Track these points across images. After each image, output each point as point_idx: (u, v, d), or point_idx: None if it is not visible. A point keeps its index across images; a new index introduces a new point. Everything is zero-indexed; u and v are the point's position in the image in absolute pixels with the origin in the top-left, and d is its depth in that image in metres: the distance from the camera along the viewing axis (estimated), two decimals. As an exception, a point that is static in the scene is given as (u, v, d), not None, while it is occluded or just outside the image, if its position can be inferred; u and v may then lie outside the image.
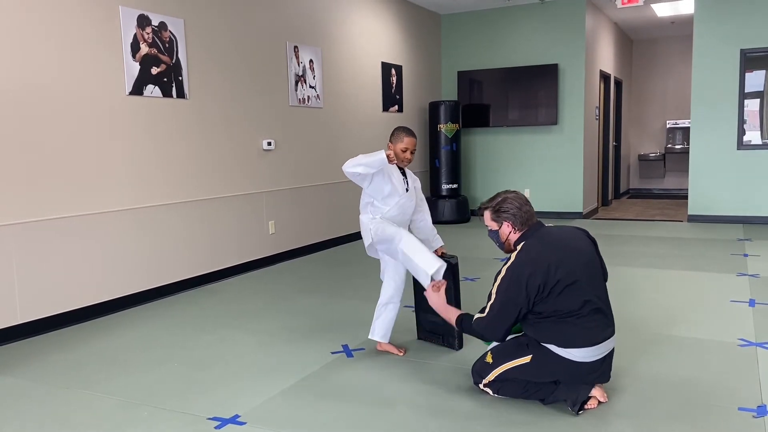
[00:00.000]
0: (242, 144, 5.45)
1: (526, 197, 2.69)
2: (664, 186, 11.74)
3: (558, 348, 2.53)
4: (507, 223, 2.65)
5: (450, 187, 8.35)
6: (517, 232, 2.64)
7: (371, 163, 3.03)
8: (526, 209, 2.64)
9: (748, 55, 7.34)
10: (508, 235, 2.67)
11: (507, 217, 2.63)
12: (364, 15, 7.18)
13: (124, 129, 4.38)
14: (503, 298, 2.52)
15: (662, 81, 11.56)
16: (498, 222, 2.67)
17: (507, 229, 2.66)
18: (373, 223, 3.18)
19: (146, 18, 4.49)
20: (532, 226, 2.65)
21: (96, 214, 4.19)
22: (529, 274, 2.47)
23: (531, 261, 2.51)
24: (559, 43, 8.26)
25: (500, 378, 2.66)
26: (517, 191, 2.71)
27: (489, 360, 2.70)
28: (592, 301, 2.53)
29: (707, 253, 5.84)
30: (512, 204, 2.63)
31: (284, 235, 6.01)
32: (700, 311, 4.02)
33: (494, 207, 2.67)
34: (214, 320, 4.09)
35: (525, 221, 2.63)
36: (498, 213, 2.66)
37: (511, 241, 2.67)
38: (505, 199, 2.66)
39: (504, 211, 2.64)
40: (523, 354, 2.60)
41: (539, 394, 2.64)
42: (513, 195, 2.68)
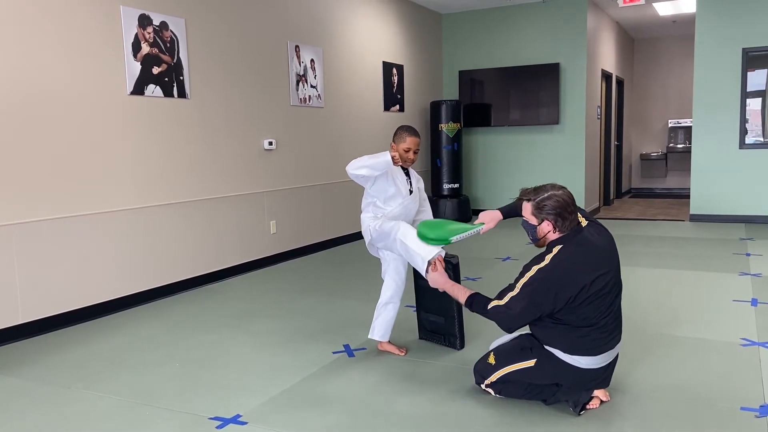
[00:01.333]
0: (243, 144, 5.45)
1: (572, 196, 2.48)
2: (665, 185, 11.72)
3: (563, 354, 2.51)
4: (548, 222, 2.46)
5: (451, 187, 8.34)
6: (557, 233, 2.48)
7: (376, 166, 3.02)
8: (572, 210, 2.45)
9: (749, 54, 7.33)
10: (546, 233, 2.50)
11: (550, 217, 2.45)
12: (365, 14, 7.17)
13: (126, 129, 4.38)
14: (528, 300, 2.42)
15: (664, 80, 11.54)
16: (539, 218, 2.48)
17: (547, 227, 2.48)
18: (374, 223, 3.18)
19: (147, 18, 4.49)
20: (574, 229, 2.49)
21: (97, 213, 4.19)
22: (561, 285, 2.37)
23: (566, 273, 2.38)
24: (560, 43, 8.24)
25: (502, 379, 2.66)
26: (565, 188, 2.49)
27: (492, 361, 2.69)
28: (611, 313, 2.48)
29: (709, 253, 5.83)
30: (558, 203, 2.43)
31: (285, 234, 6.01)
32: (702, 311, 4.00)
33: (537, 203, 2.47)
34: (216, 320, 4.08)
35: (567, 224, 2.46)
36: (540, 210, 2.46)
37: (548, 239, 2.51)
38: (551, 196, 2.45)
39: (549, 209, 2.44)
40: (527, 358, 2.59)
41: (541, 395, 2.64)
42: (560, 193, 2.46)
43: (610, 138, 10.01)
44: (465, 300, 2.64)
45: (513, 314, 2.46)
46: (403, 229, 3.02)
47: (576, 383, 2.55)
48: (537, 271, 2.43)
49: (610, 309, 2.47)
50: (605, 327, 2.48)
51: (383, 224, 3.11)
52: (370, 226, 3.19)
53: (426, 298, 3.48)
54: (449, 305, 3.35)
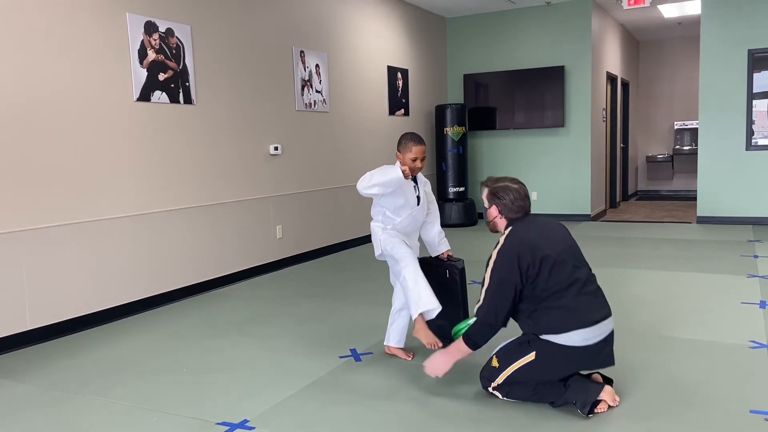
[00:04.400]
0: (249, 149, 5.47)
1: (526, 193, 2.78)
2: (672, 187, 11.69)
3: (557, 336, 2.55)
4: (495, 207, 2.78)
5: (457, 190, 8.34)
6: (503, 218, 2.78)
7: (387, 184, 3.02)
8: (519, 204, 2.75)
9: (755, 55, 7.30)
10: (494, 217, 2.81)
11: (497, 203, 2.77)
12: (369, 19, 7.19)
13: (132, 135, 4.41)
14: (498, 278, 2.61)
15: (669, 82, 11.51)
16: (489, 202, 2.81)
17: (494, 212, 2.80)
18: (384, 235, 3.18)
19: (153, 25, 4.52)
20: (524, 216, 2.78)
21: (104, 220, 4.22)
22: (519, 253, 2.59)
23: (519, 241, 2.63)
24: (565, 45, 8.24)
25: (508, 381, 2.66)
26: (522, 184, 2.80)
27: (495, 364, 2.71)
28: (580, 279, 2.60)
29: (717, 255, 5.80)
30: (509, 195, 2.75)
31: (291, 239, 6.02)
32: (710, 313, 3.98)
33: (492, 189, 2.80)
34: (222, 326, 4.09)
35: (513, 213, 2.75)
36: (493, 196, 2.79)
37: (497, 223, 2.81)
38: (506, 187, 2.77)
39: (499, 197, 2.77)
40: (526, 352, 2.62)
41: (549, 396, 2.63)
42: (515, 187, 2.77)
43: (615, 140, 9.99)
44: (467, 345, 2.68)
45: (491, 297, 2.61)
46: (411, 266, 3.03)
47: (580, 365, 2.60)
48: (497, 253, 2.64)
49: (574, 277, 2.59)
50: (582, 297, 2.57)
51: (394, 246, 3.10)
52: (380, 238, 3.19)
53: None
54: (455, 309, 3.35)
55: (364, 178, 3.07)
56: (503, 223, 2.78)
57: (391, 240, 3.13)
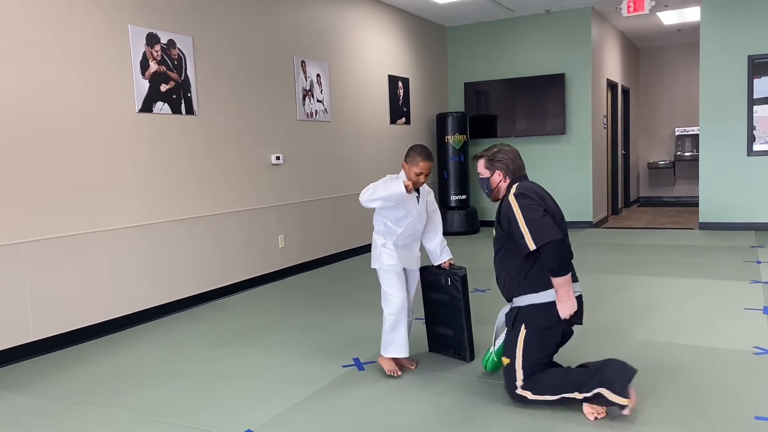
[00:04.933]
0: (251, 158, 5.49)
1: (518, 151, 2.87)
2: (674, 194, 11.68)
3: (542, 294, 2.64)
4: (499, 172, 2.81)
5: (459, 198, 8.35)
6: (506, 180, 2.82)
7: (390, 198, 3.04)
8: (518, 162, 2.83)
9: (755, 61, 7.32)
10: (498, 182, 2.84)
11: (500, 166, 2.81)
12: (370, 29, 7.23)
13: (135, 146, 4.42)
14: (530, 209, 2.60)
15: (670, 88, 11.53)
16: (491, 170, 2.84)
17: (498, 177, 2.83)
18: (384, 256, 3.20)
19: (155, 36, 4.55)
20: (521, 175, 2.85)
21: (107, 230, 4.23)
22: (538, 194, 2.70)
23: (531, 190, 2.71)
24: (565, 53, 8.27)
25: (527, 373, 2.66)
26: (510, 145, 2.89)
27: (506, 361, 2.75)
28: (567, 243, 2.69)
29: (720, 261, 5.79)
30: (506, 155, 2.82)
31: (294, 248, 6.02)
32: (714, 319, 3.97)
33: (489, 156, 2.84)
34: (225, 335, 4.09)
35: (515, 172, 2.81)
36: (492, 161, 2.83)
37: (500, 188, 2.84)
38: (500, 150, 2.85)
39: (498, 160, 2.81)
40: (518, 333, 2.70)
41: (576, 379, 2.57)
42: (507, 148, 2.86)
43: (617, 147, 10.00)
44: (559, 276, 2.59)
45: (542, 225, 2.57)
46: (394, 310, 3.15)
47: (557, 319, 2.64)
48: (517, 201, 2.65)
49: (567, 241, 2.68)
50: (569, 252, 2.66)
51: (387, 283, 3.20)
52: (380, 259, 3.22)
53: (434, 311, 3.48)
54: (458, 318, 3.34)
55: (367, 190, 3.09)
56: (506, 185, 2.82)
57: (388, 274, 3.19)
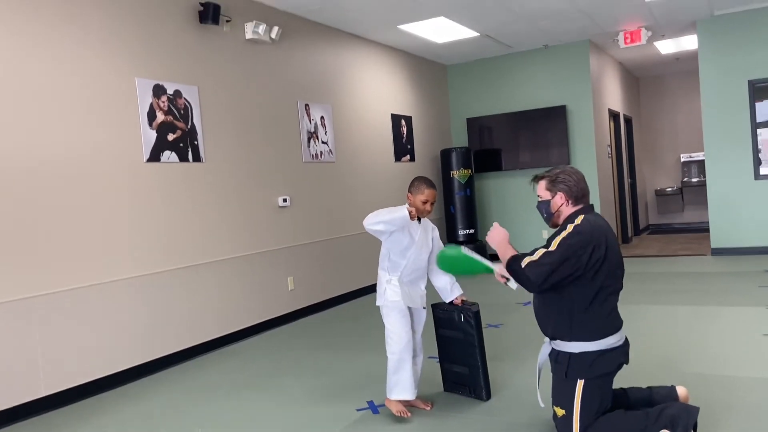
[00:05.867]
0: (258, 202, 5.52)
1: (583, 174, 2.66)
2: (683, 220, 11.61)
3: (593, 343, 2.48)
4: (561, 194, 2.61)
5: (466, 233, 8.33)
6: (570, 206, 2.61)
7: (393, 221, 3.04)
8: (582, 186, 2.62)
9: (756, 85, 7.36)
10: (559, 206, 2.62)
11: (562, 188, 2.60)
12: (371, 70, 7.35)
13: (143, 195, 4.46)
14: (566, 252, 2.44)
15: (672, 116, 11.59)
16: (552, 192, 2.63)
17: (560, 200, 2.61)
18: (390, 292, 3.19)
19: (161, 87, 4.64)
20: (587, 205, 2.63)
21: (117, 281, 4.23)
22: (596, 245, 2.46)
23: (598, 230, 2.49)
24: (565, 85, 8.35)
25: (584, 426, 2.48)
26: (574, 167, 2.68)
27: (561, 412, 2.54)
28: (619, 289, 2.57)
29: (735, 287, 5.71)
30: (570, 177, 2.61)
31: (303, 290, 6.00)
32: (733, 347, 3.90)
33: (551, 177, 2.64)
34: (238, 382, 4.04)
35: (579, 197, 2.60)
36: (554, 183, 2.62)
37: (562, 212, 2.62)
38: (564, 171, 2.64)
39: (561, 181, 2.61)
40: (573, 385, 2.49)
41: (637, 425, 2.44)
42: (571, 169, 2.65)
43: (623, 175, 10.00)
44: (508, 261, 2.60)
45: (549, 263, 2.44)
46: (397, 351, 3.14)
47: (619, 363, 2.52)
48: (574, 228, 2.48)
49: (620, 284, 2.57)
50: (615, 303, 2.54)
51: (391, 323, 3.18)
52: (385, 296, 3.21)
53: (448, 349, 3.43)
54: (473, 355, 3.30)
55: (370, 215, 3.11)
56: (569, 211, 2.61)
57: (392, 312, 3.17)
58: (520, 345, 4.34)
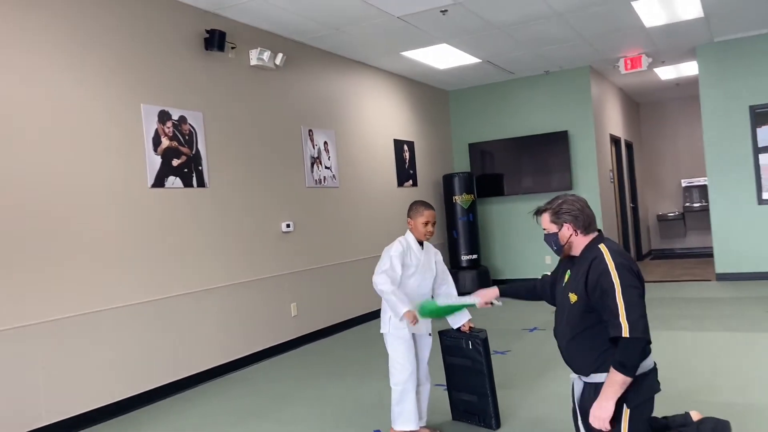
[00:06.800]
0: (262, 227, 5.49)
1: (586, 201, 2.57)
2: (685, 245, 11.58)
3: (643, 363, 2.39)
4: (568, 225, 2.49)
5: (470, 258, 8.29)
6: (579, 235, 2.50)
7: (392, 309, 3.09)
8: (588, 212, 2.52)
9: (757, 111, 7.40)
10: (569, 237, 2.51)
11: (567, 218, 2.50)
12: (374, 96, 7.39)
13: (147, 221, 4.44)
14: (633, 291, 2.33)
15: (673, 141, 11.64)
16: (558, 224, 2.51)
17: (567, 231, 2.50)
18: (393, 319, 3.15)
19: (167, 113, 4.65)
20: (600, 232, 2.54)
21: (120, 307, 4.18)
22: (632, 262, 2.40)
23: (629, 259, 2.41)
24: (567, 111, 8.40)
25: None
26: (575, 194, 2.58)
27: None
28: None
29: (742, 313, 5.65)
30: (573, 206, 2.50)
31: (307, 316, 5.94)
32: (744, 374, 3.84)
33: (554, 209, 2.53)
34: (241, 411, 3.97)
35: (587, 224, 2.50)
36: (558, 215, 2.51)
37: (573, 243, 2.51)
38: (566, 200, 2.53)
39: (565, 212, 2.50)
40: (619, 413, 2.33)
41: None
42: (573, 197, 2.56)
43: (625, 200, 10.00)
44: (624, 375, 2.29)
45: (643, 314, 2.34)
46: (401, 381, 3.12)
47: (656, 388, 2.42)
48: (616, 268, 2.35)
49: None
50: None
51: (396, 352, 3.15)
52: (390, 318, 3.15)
53: (456, 377, 3.37)
54: (481, 383, 3.24)
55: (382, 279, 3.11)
56: (582, 240, 2.50)
57: (396, 341, 3.14)
58: (528, 372, 4.28)
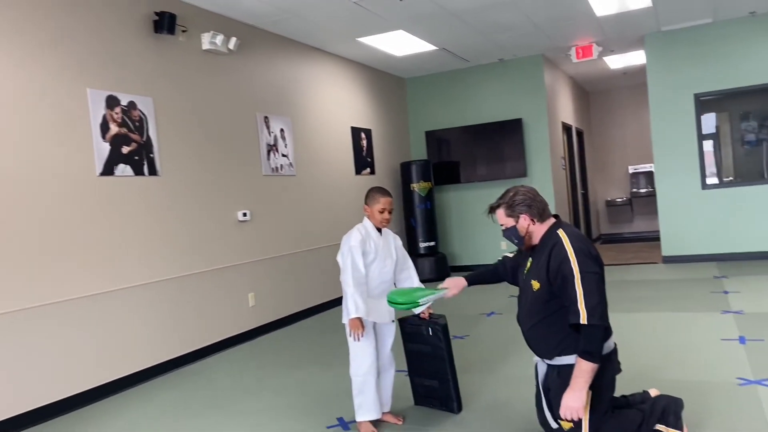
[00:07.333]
0: (217, 217, 5.38)
1: (535, 189, 2.60)
2: (633, 229, 11.95)
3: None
4: (524, 216, 2.53)
5: (428, 245, 8.34)
6: (537, 224, 2.54)
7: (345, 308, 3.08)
8: (541, 199, 2.56)
9: (701, 99, 7.67)
10: (527, 228, 2.54)
11: (522, 209, 2.53)
12: (331, 83, 7.31)
13: (96, 210, 4.28)
14: (593, 276, 2.37)
15: (620, 128, 11.97)
16: (514, 217, 2.55)
17: (525, 222, 2.54)
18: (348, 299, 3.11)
19: (115, 98, 4.48)
20: (556, 218, 2.58)
21: (68, 300, 4.02)
22: (592, 247, 2.45)
23: (587, 243, 2.46)
24: (521, 99, 8.52)
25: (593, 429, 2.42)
26: (523, 185, 2.62)
27: (569, 425, 2.44)
28: None
29: (688, 293, 5.88)
30: (525, 196, 2.54)
31: (265, 306, 5.86)
32: (692, 353, 3.99)
33: (507, 202, 2.56)
34: (199, 404, 3.89)
35: (542, 212, 2.54)
36: (512, 207, 2.55)
37: (533, 232, 2.55)
38: (517, 191, 2.57)
39: (519, 203, 2.54)
40: None
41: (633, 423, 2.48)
42: (523, 188, 2.59)
43: (576, 187, 10.24)
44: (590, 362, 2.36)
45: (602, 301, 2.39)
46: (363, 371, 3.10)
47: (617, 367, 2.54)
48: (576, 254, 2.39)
49: None
50: None
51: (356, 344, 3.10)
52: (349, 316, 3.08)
53: (417, 363, 3.39)
54: (442, 368, 3.27)
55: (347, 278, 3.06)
56: (540, 228, 2.55)
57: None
58: (487, 356, 4.34)
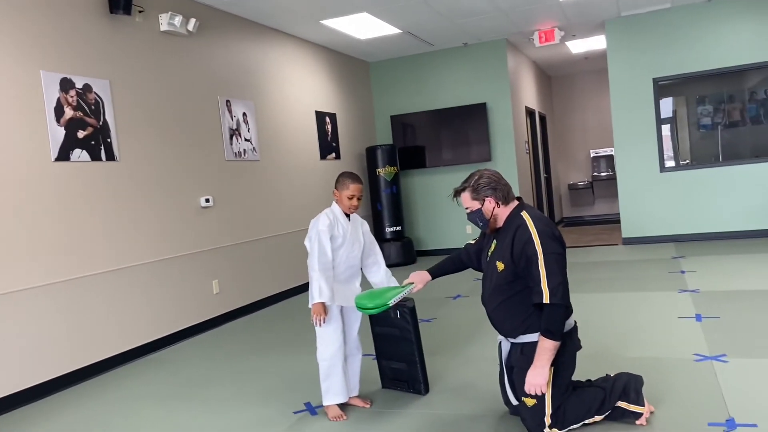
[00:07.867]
0: (179, 203, 5.27)
1: (498, 172, 2.65)
2: (594, 212, 12.20)
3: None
4: (489, 199, 2.58)
5: (394, 230, 8.35)
6: (502, 206, 2.59)
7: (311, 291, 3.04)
8: (504, 182, 2.61)
9: (660, 83, 7.83)
10: (492, 210, 2.59)
11: (488, 192, 2.57)
12: (294, 66, 7.21)
13: (52, 197, 4.14)
14: (555, 256, 2.44)
15: (582, 113, 12.15)
16: (479, 200, 2.59)
17: (490, 204, 2.59)
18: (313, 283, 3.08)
19: (69, 81, 4.32)
20: (520, 200, 2.63)
21: (27, 289, 3.90)
22: (559, 234, 2.52)
23: (551, 225, 2.52)
24: (485, 83, 8.55)
25: (556, 412, 2.50)
26: (487, 168, 2.67)
27: (532, 402, 2.51)
28: None
29: (647, 274, 6.04)
30: (490, 179, 2.58)
31: (229, 293, 5.79)
32: (650, 331, 4.10)
33: (472, 186, 2.59)
34: (166, 391, 3.83)
35: (506, 194, 2.59)
36: (477, 190, 2.58)
37: (498, 215, 2.60)
38: (482, 175, 2.60)
39: (484, 186, 2.57)
40: None
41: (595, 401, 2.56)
42: (487, 171, 2.63)
43: (539, 171, 10.37)
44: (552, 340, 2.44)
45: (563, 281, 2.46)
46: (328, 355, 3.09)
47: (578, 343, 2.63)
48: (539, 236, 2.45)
49: None
50: None
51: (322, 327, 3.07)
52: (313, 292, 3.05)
53: (385, 346, 3.40)
54: (410, 351, 3.28)
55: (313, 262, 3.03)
56: (504, 211, 2.60)
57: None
58: (454, 338, 4.39)
